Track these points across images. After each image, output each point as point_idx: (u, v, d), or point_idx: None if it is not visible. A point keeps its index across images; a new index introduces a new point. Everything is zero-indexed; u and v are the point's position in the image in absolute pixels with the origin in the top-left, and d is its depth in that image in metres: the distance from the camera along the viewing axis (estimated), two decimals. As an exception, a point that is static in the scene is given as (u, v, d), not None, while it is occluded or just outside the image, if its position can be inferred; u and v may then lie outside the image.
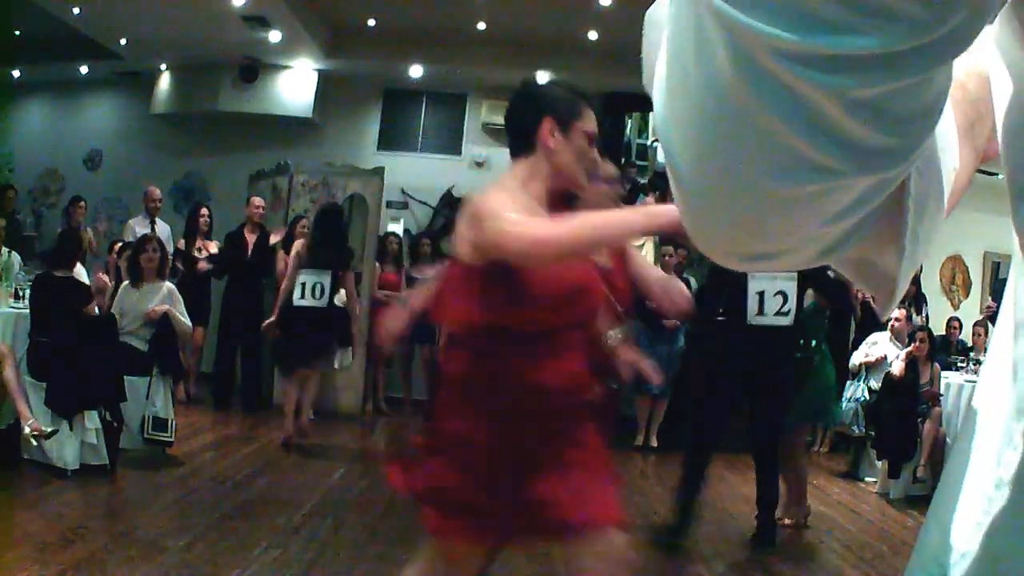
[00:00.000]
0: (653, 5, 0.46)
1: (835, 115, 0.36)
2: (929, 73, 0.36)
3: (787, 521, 4.72)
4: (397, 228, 8.64)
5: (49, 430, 4.23)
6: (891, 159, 0.38)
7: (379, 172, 7.77)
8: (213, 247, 7.34)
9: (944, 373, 6.27)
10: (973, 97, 0.52)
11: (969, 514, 0.43)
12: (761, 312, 4.21)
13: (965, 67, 0.50)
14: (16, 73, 9.40)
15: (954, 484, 0.46)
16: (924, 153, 0.41)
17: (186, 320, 5.24)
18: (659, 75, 0.42)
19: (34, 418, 4.28)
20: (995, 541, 0.41)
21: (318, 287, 5.74)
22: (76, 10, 7.31)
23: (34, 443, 4.26)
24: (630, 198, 8.60)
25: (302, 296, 5.73)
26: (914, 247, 0.44)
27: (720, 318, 4.45)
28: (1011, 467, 0.41)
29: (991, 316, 7.19)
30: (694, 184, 0.41)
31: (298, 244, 6.00)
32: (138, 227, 7.22)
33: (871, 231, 0.43)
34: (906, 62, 0.35)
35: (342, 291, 6.89)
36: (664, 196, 7.95)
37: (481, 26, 7.78)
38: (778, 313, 4.22)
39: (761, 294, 4.19)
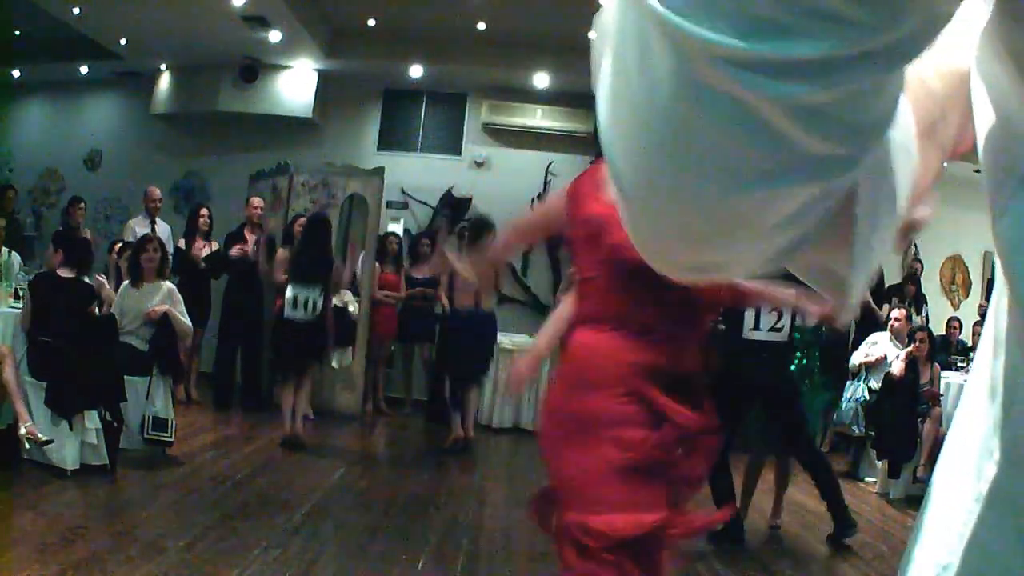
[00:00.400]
0: (601, 10, 0.45)
1: (780, 123, 0.35)
2: (878, 79, 0.36)
3: (777, 523, 4.75)
4: (397, 228, 8.64)
5: (44, 438, 4.23)
6: (837, 167, 0.38)
7: (379, 172, 7.77)
8: (215, 246, 7.33)
9: (944, 373, 6.27)
10: (938, 95, 0.51)
11: (951, 527, 0.43)
12: (756, 327, 4.20)
13: (930, 64, 0.49)
14: (16, 73, 9.40)
15: (938, 496, 0.47)
16: (874, 159, 0.41)
17: (186, 320, 5.24)
18: (603, 84, 0.41)
19: (32, 421, 4.28)
20: (976, 554, 0.41)
21: (309, 302, 5.78)
22: (76, 10, 7.31)
23: (27, 445, 4.27)
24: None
25: (294, 308, 5.77)
26: (866, 254, 0.44)
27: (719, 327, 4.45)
28: (989, 481, 0.41)
29: (983, 315, 7.17)
30: (635, 194, 0.41)
31: (282, 255, 6.12)
32: (138, 227, 7.21)
33: (822, 237, 0.43)
34: (854, 68, 0.34)
35: (342, 291, 6.90)
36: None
37: (481, 26, 7.78)
38: (772, 329, 4.22)
39: (758, 308, 4.17)
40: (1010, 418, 0.41)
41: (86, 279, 4.86)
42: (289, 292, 5.80)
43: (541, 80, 8.42)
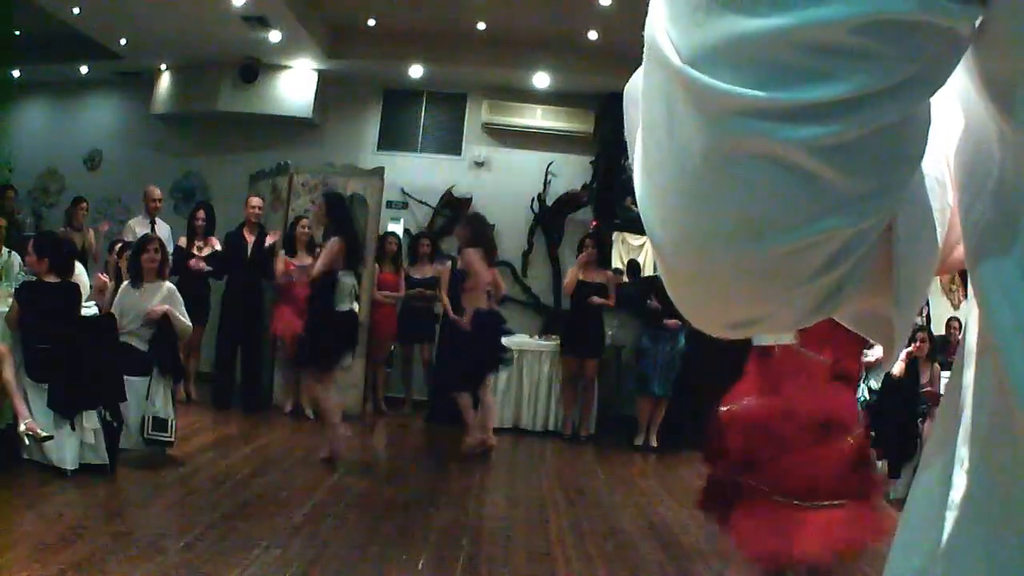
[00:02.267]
0: (630, 80, 0.46)
1: (810, 165, 0.35)
2: (905, 112, 0.36)
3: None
4: (397, 228, 8.64)
5: (44, 434, 4.24)
6: (871, 205, 0.38)
7: (379, 172, 7.77)
8: (217, 244, 7.32)
9: (944, 373, 6.27)
10: None
11: (926, 533, 0.44)
12: None
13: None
14: (16, 73, 9.40)
15: (915, 502, 0.48)
16: (909, 194, 0.41)
17: (186, 320, 5.24)
18: (637, 153, 0.42)
19: (32, 419, 4.29)
20: (947, 562, 0.42)
21: (354, 290, 5.58)
22: (76, 10, 7.31)
23: (27, 442, 4.27)
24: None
25: (346, 298, 5.46)
26: (910, 292, 0.43)
27: None
28: (960, 489, 0.42)
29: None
30: (675, 258, 0.41)
31: (336, 244, 5.34)
32: (138, 227, 7.22)
33: (863, 282, 0.42)
34: (880, 103, 0.35)
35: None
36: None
37: (481, 26, 7.78)
38: None
39: None
40: (979, 428, 0.42)
41: (83, 277, 4.86)
42: (347, 280, 5.41)
43: (541, 80, 8.42)
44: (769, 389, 2.48)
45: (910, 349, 5.99)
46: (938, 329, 7.81)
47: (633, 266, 8.63)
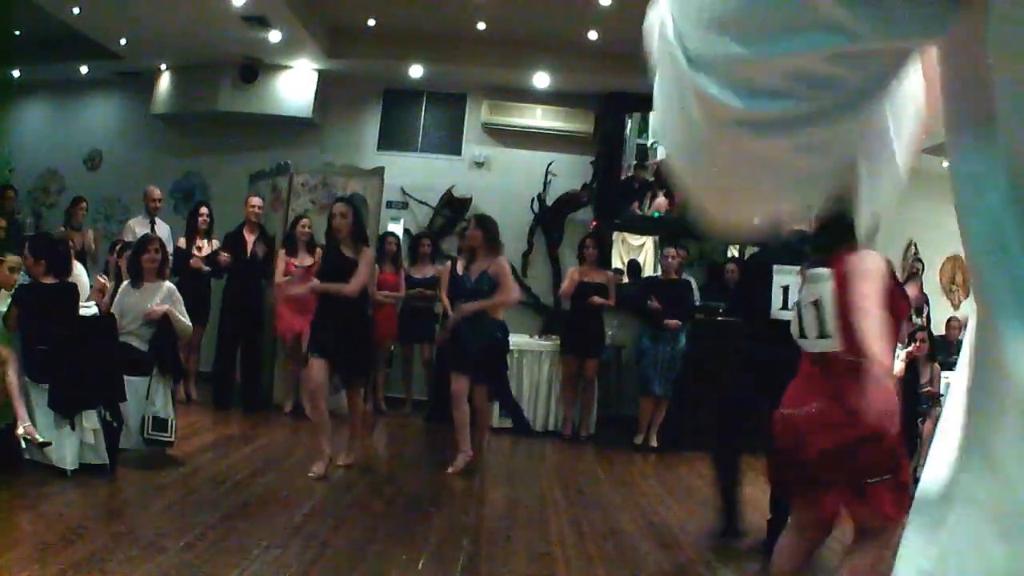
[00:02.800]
0: (648, 14, 0.53)
1: (785, 157, 0.48)
2: (861, 113, 0.46)
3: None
4: (397, 228, 8.64)
5: (42, 439, 4.24)
6: (827, 179, 0.51)
7: (379, 172, 7.77)
8: (216, 244, 7.31)
9: (944, 373, 6.27)
10: None
11: (932, 535, 0.45)
12: (785, 306, 4.18)
13: None
14: (16, 73, 9.40)
15: (920, 503, 0.48)
16: (868, 139, 0.52)
17: (186, 320, 5.24)
18: (656, 90, 0.52)
19: (31, 422, 4.29)
20: (954, 563, 0.43)
21: None
22: (76, 10, 7.31)
23: (24, 444, 4.27)
24: (639, 197, 8.61)
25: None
26: (872, 213, 0.56)
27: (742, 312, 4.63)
28: (962, 490, 0.43)
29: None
30: (691, 182, 0.54)
31: (371, 255, 5.43)
32: (138, 227, 7.23)
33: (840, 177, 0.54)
34: (838, 113, 0.45)
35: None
36: (672, 196, 7.96)
37: (481, 26, 7.78)
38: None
39: (785, 288, 4.16)
40: (979, 428, 0.43)
41: (83, 277, 4.86)
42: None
43: (541, 80, 8.42)
44: (832, 394, 2.91)
45: (910, 349, 5.99)
46: (938, 329, 7.81)
47: (633, 266, 8.63)
